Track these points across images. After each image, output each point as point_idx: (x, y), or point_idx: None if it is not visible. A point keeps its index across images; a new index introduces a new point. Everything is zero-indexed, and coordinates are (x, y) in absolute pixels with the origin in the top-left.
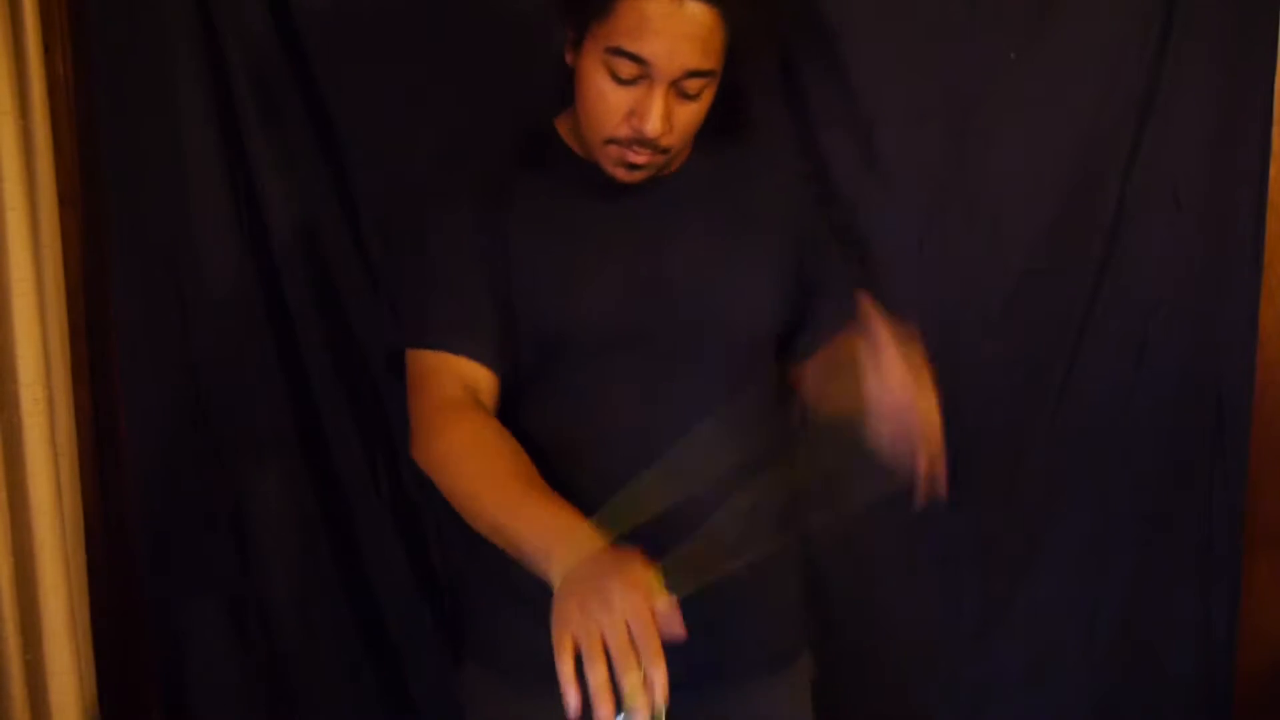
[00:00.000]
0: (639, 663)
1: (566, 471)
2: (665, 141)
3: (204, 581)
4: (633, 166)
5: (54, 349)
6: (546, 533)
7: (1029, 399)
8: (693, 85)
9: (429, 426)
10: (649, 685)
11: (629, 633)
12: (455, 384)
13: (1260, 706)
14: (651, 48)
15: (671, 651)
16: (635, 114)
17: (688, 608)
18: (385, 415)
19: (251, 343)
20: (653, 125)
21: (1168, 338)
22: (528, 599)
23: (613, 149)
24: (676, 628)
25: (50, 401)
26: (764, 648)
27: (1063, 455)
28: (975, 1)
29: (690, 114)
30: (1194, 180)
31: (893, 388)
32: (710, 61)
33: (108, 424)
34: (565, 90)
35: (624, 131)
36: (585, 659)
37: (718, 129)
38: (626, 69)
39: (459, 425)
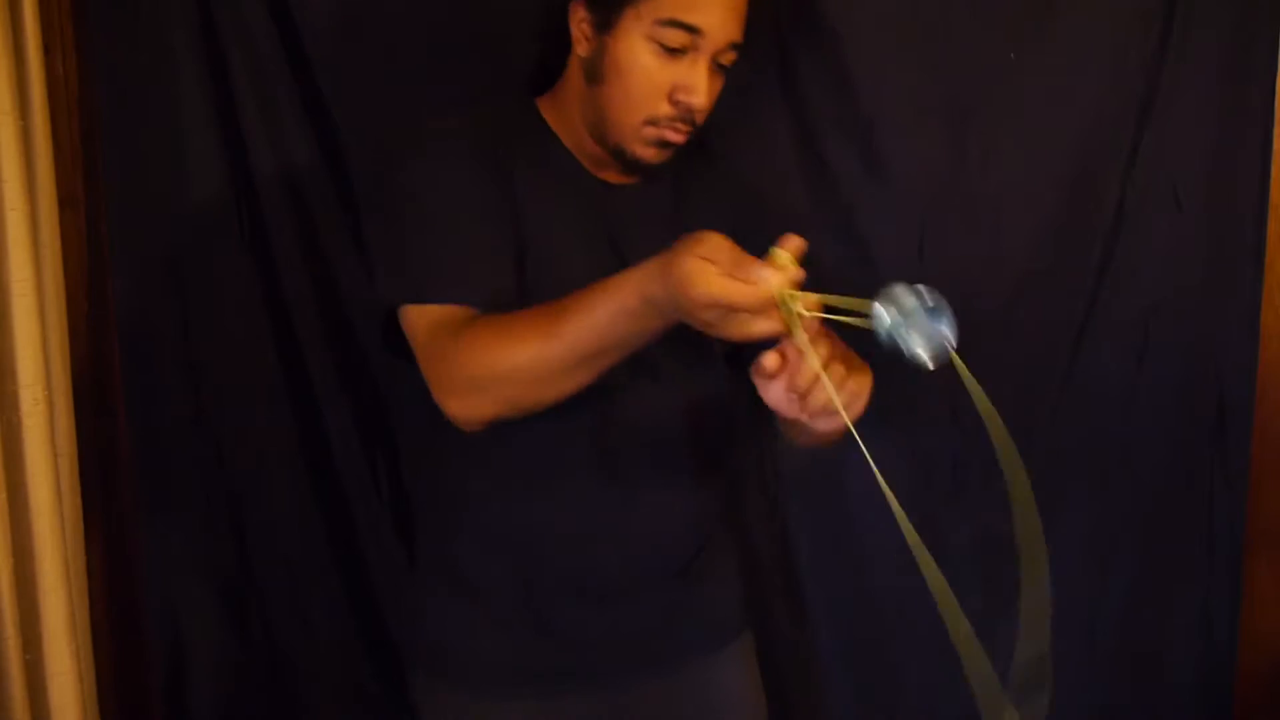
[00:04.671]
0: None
1: (526, 465)
2: (701, 118)
3: (204, 582)
4: (664, 144)
5: (54, 349)
6: (625, 277)
7: (1029, 400)
8: (727, 58)
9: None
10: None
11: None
12: None
13: (1261, 707)
14: (706, 18)
15: (625, 636)
16: (680, 88)
17: (642, 596)
18: (385, 415)
19: (251, 342)
20: (700, 98)
21: (1168, 338)
22: (481, 600)
23: (650, 130)
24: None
25: (50, 401)
26: (711, 626)
27: (1063, 456)
28: (975, 1)
29: (718, 90)
30: (1194, 180)
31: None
32: (743, 34)
33: (108, 424)
34: (552, 73)
35: (665, 109)
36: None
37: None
38: (677, 39)
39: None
